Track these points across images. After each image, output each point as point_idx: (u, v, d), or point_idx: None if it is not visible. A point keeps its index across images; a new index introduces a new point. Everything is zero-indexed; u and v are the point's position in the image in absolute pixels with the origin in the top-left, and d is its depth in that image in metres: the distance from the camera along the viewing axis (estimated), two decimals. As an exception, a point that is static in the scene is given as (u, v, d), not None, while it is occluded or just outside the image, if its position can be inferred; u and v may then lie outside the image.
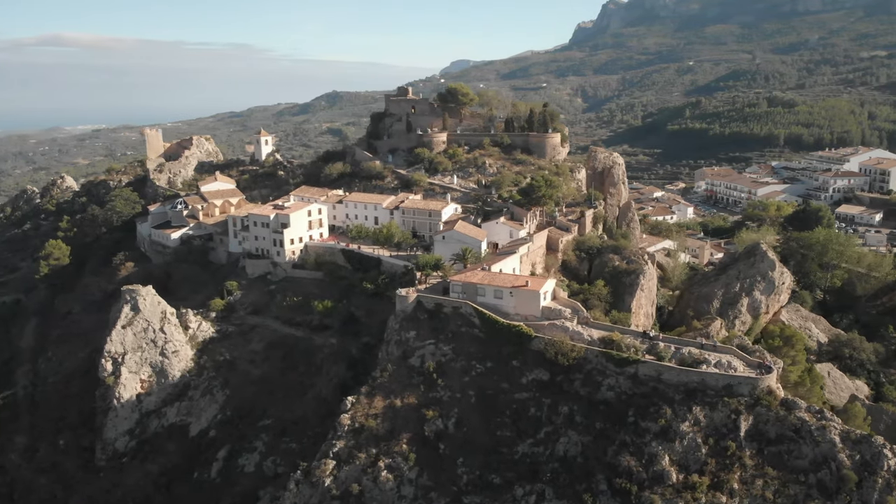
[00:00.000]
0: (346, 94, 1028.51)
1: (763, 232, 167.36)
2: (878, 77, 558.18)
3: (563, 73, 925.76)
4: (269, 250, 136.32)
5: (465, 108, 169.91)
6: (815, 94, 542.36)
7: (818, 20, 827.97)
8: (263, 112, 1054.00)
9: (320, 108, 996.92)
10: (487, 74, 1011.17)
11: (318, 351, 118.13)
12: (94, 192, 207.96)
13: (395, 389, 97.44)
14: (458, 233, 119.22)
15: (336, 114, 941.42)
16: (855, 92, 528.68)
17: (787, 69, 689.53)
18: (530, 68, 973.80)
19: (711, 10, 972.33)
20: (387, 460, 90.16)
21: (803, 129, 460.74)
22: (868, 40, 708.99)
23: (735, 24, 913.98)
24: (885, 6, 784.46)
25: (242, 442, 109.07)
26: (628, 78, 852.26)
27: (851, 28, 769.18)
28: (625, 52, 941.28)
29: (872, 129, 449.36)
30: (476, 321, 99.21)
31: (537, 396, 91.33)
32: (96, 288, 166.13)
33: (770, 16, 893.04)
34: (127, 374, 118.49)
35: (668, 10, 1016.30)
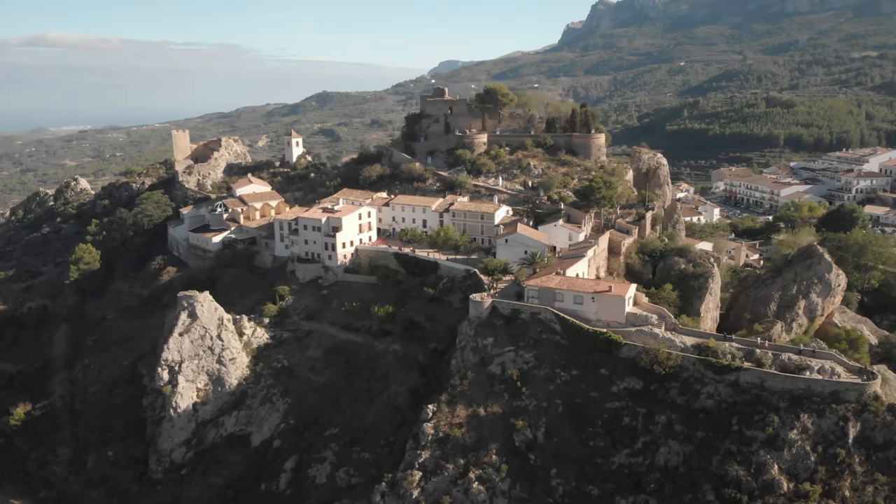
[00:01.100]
0: (336, 95, 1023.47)
1: (802, 233, 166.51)
2: (872, 78, 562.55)
3: (554, 74, 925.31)
4: (319, 254, 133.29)
5: (505, 108, 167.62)
6: (811, 95, 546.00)
7: (807, 21, 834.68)
8: (252, 113, 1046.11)
9: (311, 109, 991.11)
10: (478, 75, 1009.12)
11: (381, 357, 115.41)
12: (115, 195, 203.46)
13: (476, 398, 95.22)
14: (521, 236, 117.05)
15: (327, 114, 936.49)
16: (851, 92, 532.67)
17: (780, 70, 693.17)
18: (521, 69, 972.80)
19: (700, 10, 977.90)
20: (477, 471, 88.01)
21: (802, 129, 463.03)
22: (858, 41, 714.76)
23: (724, 24, 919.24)
24: (873, 7, 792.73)
25: (311, 452, 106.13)
26: (619, 78, 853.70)
27: (840, 29, 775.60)
28: (615, 52, 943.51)
29: (871, 129, 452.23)
30: (557, 327, 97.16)
31: (630, 405, 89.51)
32: (129, 293, 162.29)
33: (759, 17, 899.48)
34: (184, 382, 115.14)
35: (658, 11, 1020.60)
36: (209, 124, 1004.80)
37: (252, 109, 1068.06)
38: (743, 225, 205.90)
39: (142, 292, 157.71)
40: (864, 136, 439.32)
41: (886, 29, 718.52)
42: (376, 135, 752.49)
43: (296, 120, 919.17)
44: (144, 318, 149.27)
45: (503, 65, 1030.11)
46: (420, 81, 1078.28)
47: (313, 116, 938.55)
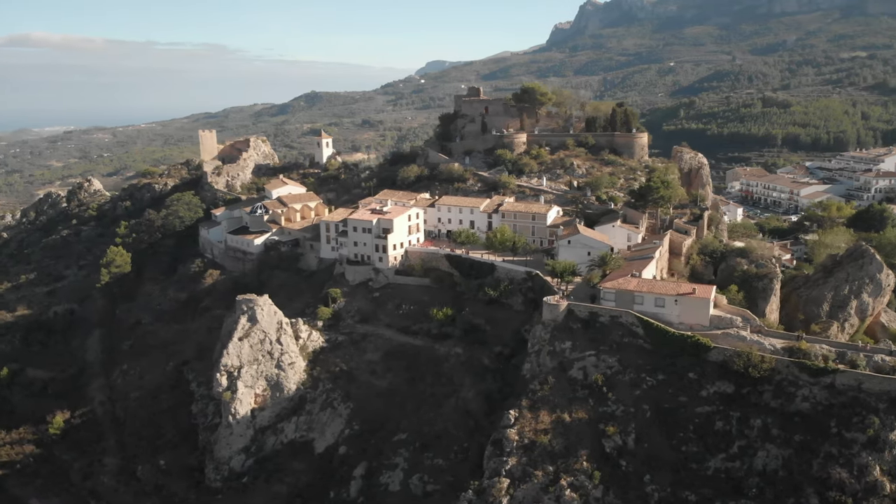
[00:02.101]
0: (325, 95, 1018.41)
1: (837, 233, 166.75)
2: (865, 78, 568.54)
3: (543, 74, 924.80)
4: (369, 256, 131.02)
5: (542, 108, 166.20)
6: (806, 95, 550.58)
7: (795, 21, 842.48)
8: (240, 113, 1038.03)
9: (299, 109, 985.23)
10: (467, 75, 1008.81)
11: (444, 361, 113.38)
12: (137, 196, 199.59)
13: (560, 403, 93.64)
14: (584, 237, 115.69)
15: (316, 114, 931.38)
16: (845, 93, 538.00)
17: (770, 70, 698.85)
18: (510, 69, 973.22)
19: (689, 11, 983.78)
20: (568, 478, 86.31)
21: (800, 129, 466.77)
22: (846, 41, 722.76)
23: (712, 25, 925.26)
24: (860, 7, 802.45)
25: (380, 458, 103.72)
26: (609, 79, 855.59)
27: (828, 29, 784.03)
28: (604, 53, 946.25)
29: (867, 129, 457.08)
30: (640, 331, 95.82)
31: (722, 410, 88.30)
32: (163, 297, 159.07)
33: (747, 17, 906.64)
34: (243, 388, 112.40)
35: (646, 12, 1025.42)
36: (196, 125, 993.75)
37: (240, 109, 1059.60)
38: (769, 225, 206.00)
39: (178, 296, 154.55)
40: (860, 136, 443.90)
41: (874, 29, 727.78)
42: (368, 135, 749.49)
43: (285, 120, 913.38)
44: (184, 323, 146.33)
45: (492, 65, 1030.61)
46: (409, 81, 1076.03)
47: (302, 116, 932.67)
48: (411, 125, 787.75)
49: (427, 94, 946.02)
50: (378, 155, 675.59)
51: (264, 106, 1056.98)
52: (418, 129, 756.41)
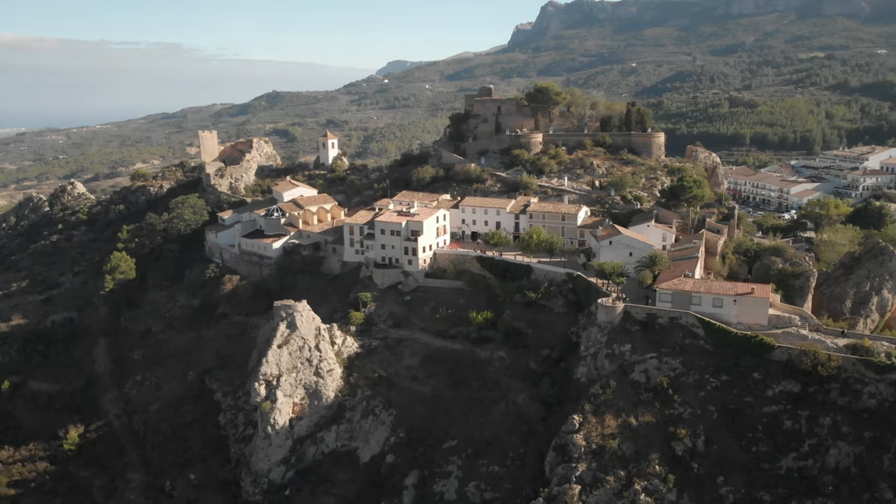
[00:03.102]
0: (287, 95, 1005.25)
1: (842, 231, 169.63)
2: (826, 78, 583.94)
3: (507, 75, 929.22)
4: (398, 259, 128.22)
5: (555, 108, 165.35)
6: (770, 95, 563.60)
7: (752, 22, 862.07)
8: (198, 113, 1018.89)
9: (261, 109, 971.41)
10: (431, 75, 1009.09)
11: (487, 365, 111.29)
12: (131, 199, 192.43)
13: (624, 407, 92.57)
14: (626, 237, 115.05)
15: (278, 114, 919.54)
16: (807, 92, 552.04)
17: (731, 70, 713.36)
18: (474, 69, 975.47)
19: (648, 13, 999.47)
20: (642, 482, 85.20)
21: (767, 128, 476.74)
22: (803, 42, 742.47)
23: (671, 26, 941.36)
24: (815, 8, 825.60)
25: (431, 466, 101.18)
26: (573, 79, 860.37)
27: (785, 30, 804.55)
28: (567, 54, 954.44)
29: (831, 128, 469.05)
30: (700, 332, 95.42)
31: (790, 409, 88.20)
32: (172, 303, 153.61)
33: (705, 19, 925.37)
34: (282, 397, 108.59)
35: (607, 13, 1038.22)
36: (153, 125, 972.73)
37: (198, 110, 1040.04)
38: (767, 223, 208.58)
39: (190, 302, 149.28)
40: (825, 136, 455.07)
41: (830, 30, 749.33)
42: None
43: (246, 120, 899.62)
44: (199, 330, 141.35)
45: (456, 65, 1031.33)
46: (372, 81, 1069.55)
47: (264, 116, 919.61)
48: (377, 125, 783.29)
49: (391, 94, 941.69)
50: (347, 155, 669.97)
51: (224, 106, 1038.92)
52: (384, 129, 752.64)
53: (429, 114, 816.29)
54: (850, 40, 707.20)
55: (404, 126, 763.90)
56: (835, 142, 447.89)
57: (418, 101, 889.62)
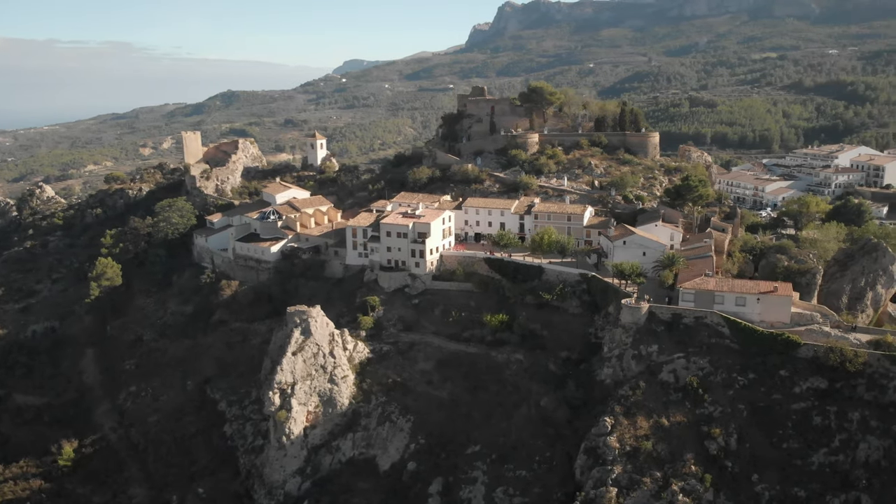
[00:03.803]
0: (242, 94, 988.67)
1: (827, 227, 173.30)
2: (780, 78, 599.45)
3: (466, 75, 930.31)
4: (405, 262, 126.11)
5: (549, 108, 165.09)
6: (728, 95, 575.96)
7: (706, 24, 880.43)
8: (150, 113, 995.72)
9: (216, 109, 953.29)
10: (390, 74, 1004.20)
11: (505, 368, 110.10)
12: (109, 203, 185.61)
13: (655, 408, 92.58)
14: (639, 237, 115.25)
15: (234, 114, 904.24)
16: (763, 92, 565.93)
17: (687, 71, 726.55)
18: (433, 69, 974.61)
19: (604, 14, 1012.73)
20: (679, 483, 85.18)
21: (727, 127, 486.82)
22: (755, 43, 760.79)
23: (627, 27, 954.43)
24: (766, 10, 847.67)
25: (455, 473, 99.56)
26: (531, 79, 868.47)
27: (738, 31, 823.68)
28: (525, 54, 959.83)
29: (789, 127, 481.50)
30: (725, 331, 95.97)
31: (818, 405, 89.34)
32: (162, 310, 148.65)
33: (660, 20, 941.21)
34: (297, 406, 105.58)
35: (564, 14, 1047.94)
36: (104, 126, 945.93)
37: (150, 110, 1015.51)
38: (747, 221, 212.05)
39: (182, 309, 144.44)
40: (783, 135, 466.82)
41: (781, 31, 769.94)
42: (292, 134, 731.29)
43: (200, 120, 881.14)
44: (195, 338, 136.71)
45: (415, 65, 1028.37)
46: (330, 80, 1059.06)
47: (219, 116, 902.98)
48: (337, 125, 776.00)
49: (350, 94, 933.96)
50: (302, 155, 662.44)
51: (177, 106, 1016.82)
52: (345, 128, 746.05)
53: (389, 113, 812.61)
54: (800, 41, 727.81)
55: (365, 126, 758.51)
56: (792, 140, 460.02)
57: (378, 100, 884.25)
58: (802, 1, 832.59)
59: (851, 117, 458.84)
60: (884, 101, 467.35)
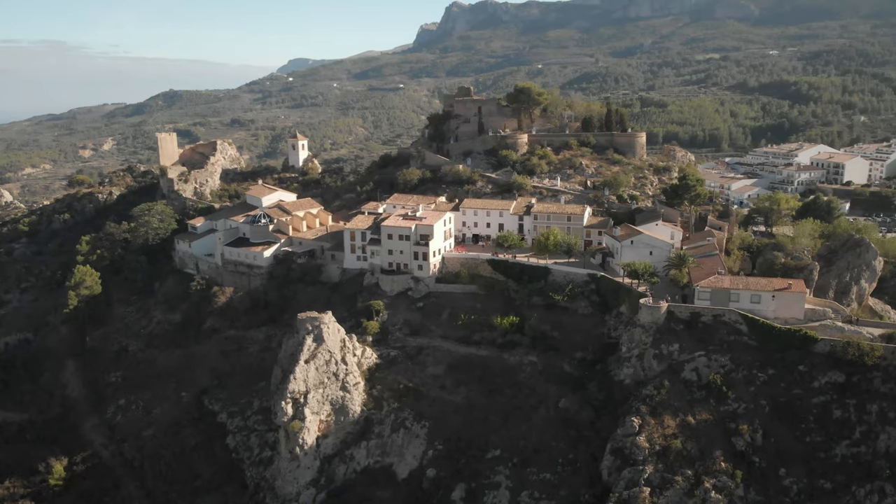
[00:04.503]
0: (185, 94, 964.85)
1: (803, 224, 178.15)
2: (725, 79, 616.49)
3: (416, 75, 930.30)
4: (407, 264, 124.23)
5: (536, 108, 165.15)
6: (676, 95, 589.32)
7: (649, 26, 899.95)
8: (89, 114, 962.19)
9: (157, 109, 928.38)
10: (338, 73, 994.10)
11: (518, 371, 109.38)
12: (77, 208, 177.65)
13: (680, 406, 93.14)
14: (647, 237, 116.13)
15: (177, 114, 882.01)
16: (710, 92, 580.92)
17: (634, 72, 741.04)
18: (382, 68, 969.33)
19: (550, 15, 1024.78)
20: (711, 480, 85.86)
21: (678, 127, 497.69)
22: (698, 44, 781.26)
23: (573, 29, 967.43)
24: (707, 12, 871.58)
25: (478, 478, 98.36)
26: (481, 80, 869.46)
27: (681, 33, 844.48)
28: (474, 54, 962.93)
29: (736, 126, 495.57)
30: (743, 328, 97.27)
31: (837, 398, 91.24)
32: (146, 319, 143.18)
33: (605, 21, 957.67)
34: (310, 415, 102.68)
35: (511, 15, 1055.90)
36: (40, 127, 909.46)
37: (88, 110, 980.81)
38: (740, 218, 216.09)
39: (169, 318, 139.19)
40: (732, 134, 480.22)
41: (722, 33, 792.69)
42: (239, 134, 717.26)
43: (142, 120, 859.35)
44: (186, 347, 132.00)
45: (363, 64, 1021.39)
46: (276, 79, 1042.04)
47: (161, 116, 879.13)
48: (285, 124, 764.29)
49: (297, 93, 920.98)
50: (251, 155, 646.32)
51: (116, 106, 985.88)
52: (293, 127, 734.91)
53: (339, 112, 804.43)
54: (741, 42, 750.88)
55: (314, 125, 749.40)
56: (741, 139, 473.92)
57: (327, 99, 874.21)
58: (742, 3, 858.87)
59: (796, 116, 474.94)
60: (827, 101, 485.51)
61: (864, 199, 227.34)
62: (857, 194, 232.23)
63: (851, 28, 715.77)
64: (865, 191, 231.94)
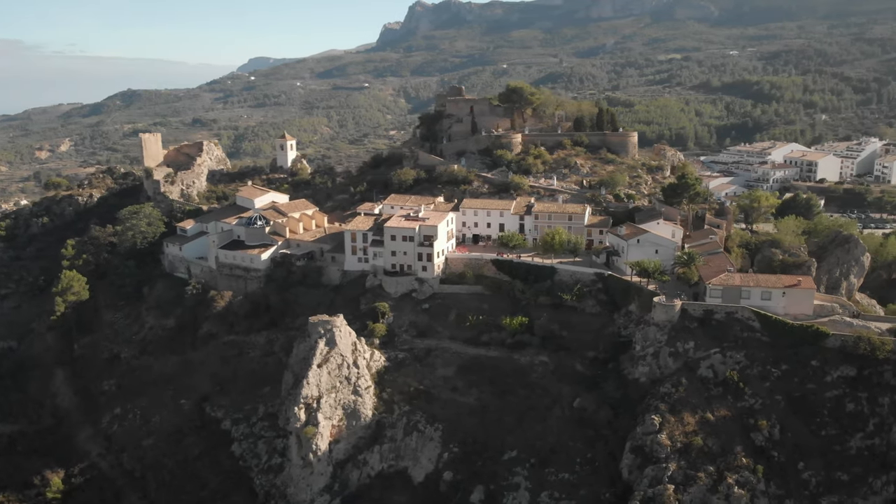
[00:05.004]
0: (144, 93, 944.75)
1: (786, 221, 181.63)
2: (689, 79, 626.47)
3: (381, 74, 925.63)
4: (411, 266, 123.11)
5: (528, 108, 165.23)
6: (641, 94, 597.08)
7: (611, 26, 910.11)
8: (44, 114, 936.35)
9: (115, 109, 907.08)
10: (301, 72, 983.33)
11: (530, 371, 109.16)
12: (56, 211, 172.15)
13: (699, 403, 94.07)
14: (653, 235, 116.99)
15: (136, 114, 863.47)
16: (675, 92, 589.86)
17: (598, 72, 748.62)
18: (346, 67, 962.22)
19: (514, 15, 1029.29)
20: (733, 476, 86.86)
21: (645, 126, 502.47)
22: (660, 44, 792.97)
23: (537, 29, 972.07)
24: (668, 13, 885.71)
25: (496, 480, 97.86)
26: (447, 80, 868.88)
27: (642, 33, 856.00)
28: (438, 54, 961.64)
29: (702, 125, 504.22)
30: (756, 325, 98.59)
31: (849, 392, 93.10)
32: (137, 325, 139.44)
33: (567, 21, 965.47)
34: (323, 420, 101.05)
35: (475, 15, 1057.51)
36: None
37: (43, 111, 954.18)
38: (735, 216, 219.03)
39: (162, 323, 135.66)
40: (697, 132, 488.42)
41: (683, 33, 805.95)
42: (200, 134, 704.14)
43: (100, 121, 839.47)
44: (183, 353, 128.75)
45: (326, 63, 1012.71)
46: (237, 78, 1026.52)
47: (120, 117, 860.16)
48: (248, 124, 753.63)
49: (260, 92, 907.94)
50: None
51: (73, 106, 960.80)
52: (257, 127, 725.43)
53: (304, 112, 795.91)
54: (702, 42, 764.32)
55: (278, 124, 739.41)
56: (706, 138, 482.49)
57: (290, 98, 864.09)
58: (701, 4, 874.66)
59: (760, 115, 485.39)
60: (789, 100, 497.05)
61: (839, 196, 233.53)
62: (832, 191, 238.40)
63: (809, 28, 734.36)
64: (839, 188, 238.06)
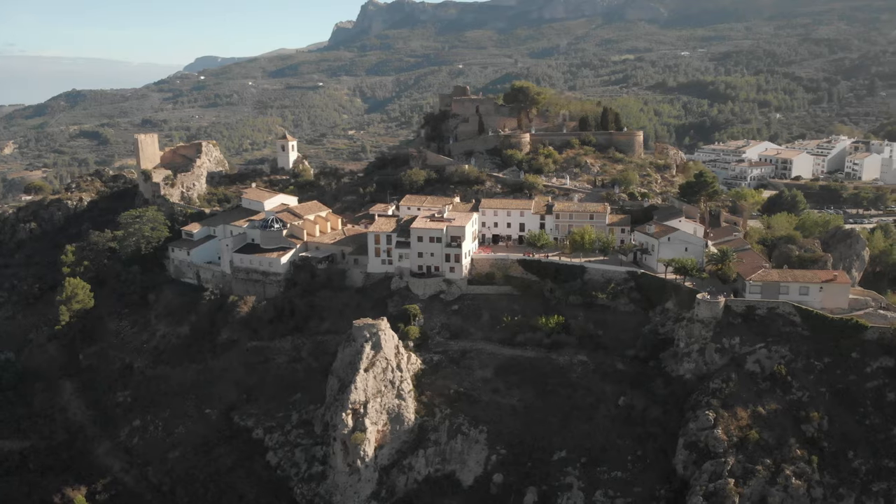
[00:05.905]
0: (89, 94, 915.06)
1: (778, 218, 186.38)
2: (644, 79, 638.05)
3: (335, 73, 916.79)
4: (438, 267, 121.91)
5: (534, 107, 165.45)
6: (599, 94, 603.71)
7: (564, 27, 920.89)
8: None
9: (60, 109, 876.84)
10: (252, 72, 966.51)
11: (570, 370, 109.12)
12: (44, 216, 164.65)
13: (749, 398, 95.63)
14: (683, 233, 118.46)
15: (81, 115, 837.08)
16: (632, 92, 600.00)
17: (553, 72, 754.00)
18: (299, 66, 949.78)
19: (468, 15, 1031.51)
20: (790, 467, 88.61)
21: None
22: (612, 45, 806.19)
23: (491, 29, 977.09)
24: (619, 14, 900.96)
25: (548, 480, 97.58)
26: (402, 79, 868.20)
27: (594, 34, 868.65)
28: (393, 53, 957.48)
29: (661, 124, 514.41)
30: (797, 319, 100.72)
31: (889, 382, 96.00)
32: (146, 332, 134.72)
33: (521, 22, 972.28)
34: (370, 425, 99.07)
35: (428, 14, 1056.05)
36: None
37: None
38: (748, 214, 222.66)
39: (176, 331, 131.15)
40: (657, 132, 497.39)
41: (635, 34, 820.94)
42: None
43: (44, 122, 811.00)
44: (202, 361, 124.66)
45: (278, 62, 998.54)
46: (186, 78, 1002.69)
47: (65, 118, 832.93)
48: (200, 124, 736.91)
49: (210, 92, 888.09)
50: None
51: (15, 107, 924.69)
52: (209, 128, 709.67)
53: (257, 112, 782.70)
54: (653, 43, 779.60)
55: (232, 125, 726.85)
56: (665, 137, 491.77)
57: (242, 98, 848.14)
58: (651, 5, 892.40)
59: (717, 115, 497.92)
60: (744, 99, 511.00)
61: (815, 192, 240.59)
62: (808, 188, 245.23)
63: (756, 29, 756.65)
64: (815, 185, 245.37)
